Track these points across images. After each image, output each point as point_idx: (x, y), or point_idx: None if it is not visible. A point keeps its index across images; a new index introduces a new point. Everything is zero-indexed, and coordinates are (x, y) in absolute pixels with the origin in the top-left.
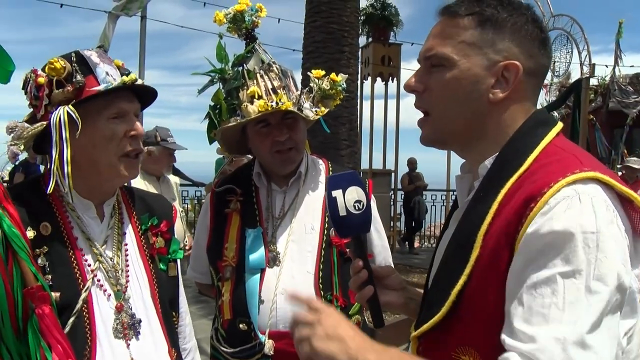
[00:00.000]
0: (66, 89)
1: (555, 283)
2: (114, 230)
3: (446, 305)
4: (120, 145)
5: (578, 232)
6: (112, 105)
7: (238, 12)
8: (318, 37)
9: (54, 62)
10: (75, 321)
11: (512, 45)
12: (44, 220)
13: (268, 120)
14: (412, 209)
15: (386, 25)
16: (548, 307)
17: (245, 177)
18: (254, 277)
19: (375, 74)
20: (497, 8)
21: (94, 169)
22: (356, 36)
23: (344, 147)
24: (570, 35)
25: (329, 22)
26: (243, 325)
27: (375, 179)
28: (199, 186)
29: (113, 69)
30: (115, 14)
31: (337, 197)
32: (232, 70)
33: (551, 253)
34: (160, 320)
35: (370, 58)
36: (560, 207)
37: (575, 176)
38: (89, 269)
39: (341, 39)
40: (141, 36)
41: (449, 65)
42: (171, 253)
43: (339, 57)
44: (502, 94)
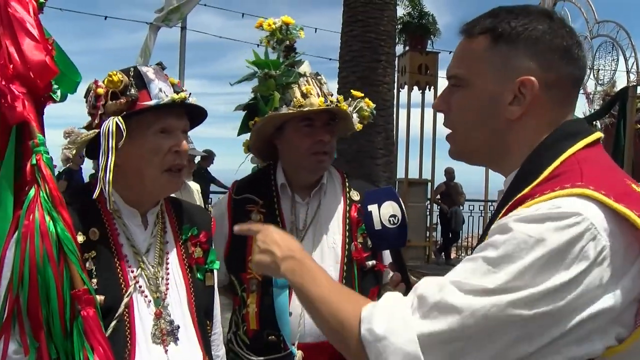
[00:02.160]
0: (119, 101)
1: (476, 262)
2: (157, 238)
3: None
4: (164, 159)
5: (519, 230)
6: (160, 120)
7: (285, 24)
8: (355, 46)
9: (113, 75)
10: (116, 325)
11: (527, 59)
12: (93, 226)
13: (313, 120)
14: (449, 220)
15: (423, 34)
16: (454, 272)
17: (265, 187)
18: (284, 294)
19: (411, 82)
20: (511, 23)
21: (139, 179)
22: (393, 45)
23: (379, 156)
24: (616, 42)
25: (366, 31)
26: (272, 337)
27: (411, 189)
28: None
29: (167, 86)
30: (156, 25)
31: (373, 211)
32: (281, 69)
33: (490, 239)
34: (196, 327)
35: (407, 67)
36: (526, 210)
37: (563, 191)
38: (132, 275)
39: (378, 47)
40: (181, 46)
41: (465, 85)
42: (208, 263)
43: (375, 66)
44: (520, 111)
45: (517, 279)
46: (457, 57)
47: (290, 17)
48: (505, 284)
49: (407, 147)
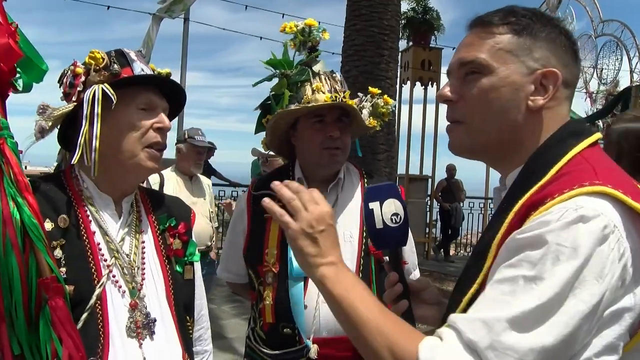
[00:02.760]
0: (102, 73)
1: (516, 284)
2: (132, 227)
3: (457, 312)
4: (145, 136)
5: (553, 242)
6: (142, 95)
7: (307, 26)
8: (358, 40)
9: (95, 52)
10: (87, 317)
11: (548, 54)
12: (63, 213)
13: (324, 116)
14: (449, 216)
15: (427, 30)
16: (499, 302)
17: None
18: (299, 285)
19: (414, 78)
20: (532, 19)
21: (117, 158)
22: (396, 40)
23: (381, 152)
24: (620, 42)
25: (369, 25)
26: (287, 330)
27: (412, 185)
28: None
29: (148, 69)
30: (159, 16)
31: (374, 210)
32: (296, 69)
33: (523, 254)
34: (175, 322)
35: (410, 62)
36: (552, 216)
37: (582, 189)
38: (105, 264)
39: (381, 42)
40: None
41: (486, 73)
42: (188, 255)
43: (378, 60)
44: (542, 101)
45: (562, 292)
46: (475, 45)
47: (313, 20)
48: (552, 300)
49: (408, 142)
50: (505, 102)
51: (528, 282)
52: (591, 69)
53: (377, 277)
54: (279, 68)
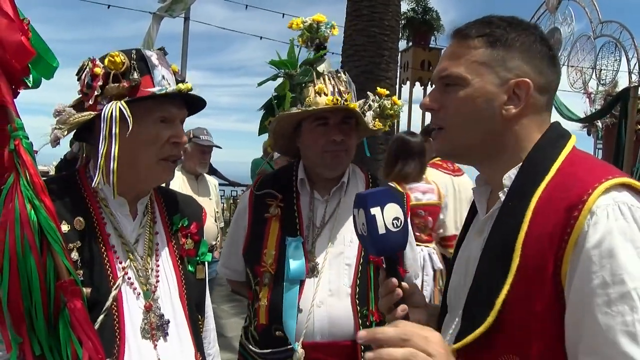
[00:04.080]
0: (122, 85)
1: (631, 299)
2: (146, 229)
3: (491, 315)
4: (162, 149)
5: (630, 246)
6: (162, 108)
7: (315, 22)
8: (358, 40)
9: (115, 55)
10: (104, 319)
11: (522, 63)
12: (78, 215)
13: (328, 119)
14: None
15: (427, 30)
16: (633, 325)
17: (286, 182)
18: (294, 288)
19: (414, 78)
20: (506, 29)
21: (133, 168)
22: (396, 40)
23: (380, 152)
24: (619, 42)
25: (370, 25)
26: (279, 333)
27: None
28: (235, 186)
29: (169, 74)
30: (159, 15)
31: (376, 215)
32: (300, 68)
33: (616, 269)
34: (188, 322)
35: (409, 62)
36: (609, 219)
37: (609, 182)
38: (120, 266)
39: (381, 42)
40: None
41: (462, 84)
42: (200, 255)
43: (378, 61)
44: (515, 110)
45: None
46: (453, 57)
47: (322, 15)
48: None
49: None
50: (480, 112)
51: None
52: (590, 69)
53: (375, 283)
54: (283, 68)
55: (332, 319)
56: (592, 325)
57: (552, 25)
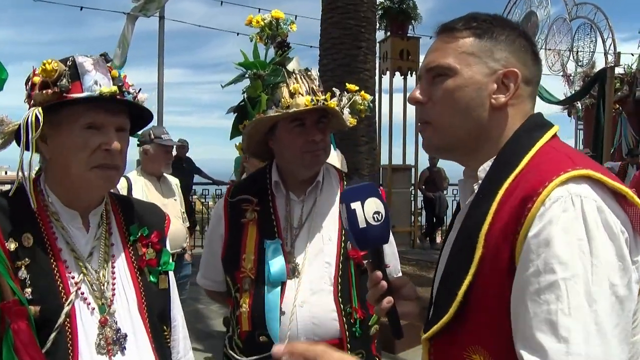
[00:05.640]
0: (47, 91)
1: (558, 289)
2: (101, 241)
3: (454, 306)
4: (92, 156)
5: (573, 238)
6: (89, 114)
7: (274, 19)
8: (335, 33)
9: (47, 63)
10: (56, 336)
11: (508, 54)
12: (27, 231)
13: (304, 119)
14: (433, 205)
15: (404, 20)
16: (555, 314)
17: (260, 186)
18: (275, 290)
19: (393, 68)
20: (492, 23)
21: (68, 177)
22: (373, 31)
23: (362, 144)
24: (594, 24)
25: (346, 17)
26: (263, 337)
27: (395, 175)
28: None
29: (105, 79)
30: (133, 15)
31: (357, 209)
32: (269, 68)
33: (550, 258)
34: (149, 334)
35: (388, 52)
36: (555, 210)
37: (567, 175)
38: (73, 281)
39: (358, 34)
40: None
41: (451, 74)
42: (162, 265)
43: (356, 52)
44: (504, 99)
45: (600, 271)
46: (441, 49)
47: (280, 11)
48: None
49: (390, 133)
50: (470, 101)
51: (568, 283)
52: (567, 51)
53: (357, 281)
54: (252, 68)
55: (315, 318)
56: (524, 313)
57: (529, 9)
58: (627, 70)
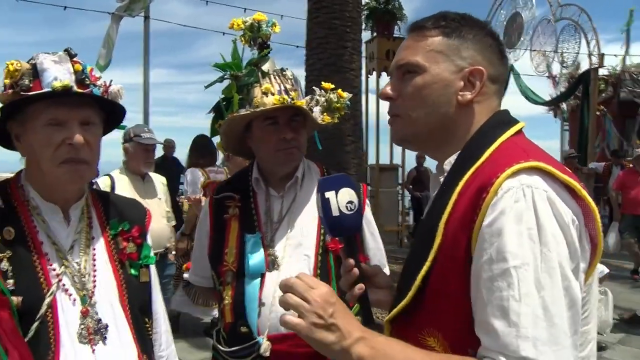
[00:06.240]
0: (7, 92)
1: (510, 276)
2: (82, 234)
3: (412, 290)
4: (56, 152)
5: (524, 228)
6: (48, 111)
7: (256, 21)
8: (320, 33)
9: (9, 64)
10: (39, 326)
11: (475, 53)
12: (8, 225)
13: (277, 118)
14: (421, 204)
15: (390, 20)
16: (507, 300)
17: (243, 183)
18: (254, 282)
19: (380, 68)
20: (460, 22)
21: (41, 173)
22: (359, 31)
23: (349, 143)
24: (578, 25)
25: (331, 17)
26: (244, 328)
27: (383, 174)
28: None
29: (67, 74)
30: (118, 15)
31: (330, 198)
32: (245, 69)
33: (502, 247)
34: (130, 325)
35: (375, 52)
36: (507, 200)
37: (519, 166)
38: (54, 273)
39: (344, 34)
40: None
41: (420, 72)
42: (142, 258)
43: (341, 52)
44: (470, 96)
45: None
46: (411, 47)
47: (262, 14)
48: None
49: (377, 132)
50: (437, 97)
51: (518, 271)
52: (552, 52)
53: (336, 272)
54: (228, 70)
55: None
56: (480, 299)
57: (514, 10)
58: (611, 71)
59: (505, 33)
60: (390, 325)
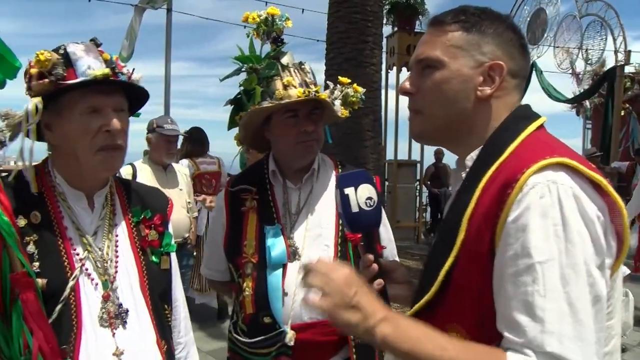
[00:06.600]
0: (43, 81)
1: (534, 272)
2: (105, 221)
3: (435, 285)
4: (95, 139)
5: (549, 223)
6: (86, 98)
7: (270, 15)
8: (341, 27)
9: (40, 54)
10: (62, 308)
11: (495, 48)
12: (35, 209)
13: (297, 111)
14: (438, 201)
15: (412, 14)
16: (532, 295)
17: (259, 176)
18: (277, 272)
19: (400, 63)
20: (480, 16)
21: (75, 160)
22: (380, 26)
23: (367, 138)
24: (605, 21)
25: (352, 12)
26: (267, 319)
27: (401, 170)
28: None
29: (98, 63)
30: (141, 7)
31: (350, 194)
32: (264, 62)
33: (527, 242)
34: (150, 311)
35: (395, 47)
36: (533, 196)
37: (545, 162)
38: (78, 258)
39: (365, 29)
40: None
41: (439, 67)
42: (164, 246)
43: (362, 47)
44: (490, 91)
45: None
46: (430, 42)
47: (275, 8)
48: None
49: (396, 128)
50: (456, 93)
51: (543, 266)
52: (576, 49)
53: (355, 261)
54: (248, 63)
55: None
56: (504, 295)
57: (538, 6)
58: (637, 68)
59: (529, 29)
60: None
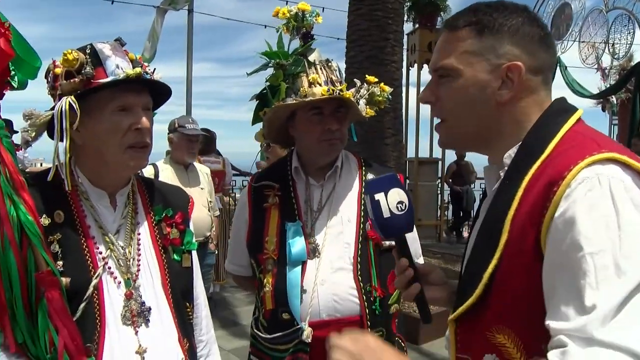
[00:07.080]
0: (73, 80)
1: (585, 263)
2: (127, 219)
3: (479, 287)
4: (124, 137)
5: (598, 214)
6: (117, 97)
7: (300, 11)
8: (362, 25)
9: (67, 53)
10: (85, 307)
11: (512, 47)
12: (58, 208)
13: (322, 108)
14: (460, 199)
15: (433, 11)
16: (583, 288)
17: (282, 172)
18: (296, 269)
19: (421, 60)
20: (493, 15)
21: (102, 159)
22: (401, 23)
23: (388, 136)
24: (632, 15)
25: (373, 9)
26: (286, 315)
27: (422, 168)
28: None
29: (125, 62)
30: (163, 9)
31: (380, 200)
32: (291, 58)
33: (576, 235)
34: (172, 309)
35: (416, 45)
36: (581, 190)
37: (593, 158)
38: (101, 256)
39: (385, 26)
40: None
41: (455, 75)
42: (185, 244)
43: (383, 44)
44: (509, 94)
45: (628, 244)
46: (443, 49)
47: (306, 3)
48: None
49: (417, 126)
50: (474, 100)
51: (594, 258)
52: (602, 44)
53: (376, 260)
54: (275, 59)
55: (335, 295)
56: (554, 290)
57: (563, 1)
58: None
59: (553, 24)
60: (455, 324)
